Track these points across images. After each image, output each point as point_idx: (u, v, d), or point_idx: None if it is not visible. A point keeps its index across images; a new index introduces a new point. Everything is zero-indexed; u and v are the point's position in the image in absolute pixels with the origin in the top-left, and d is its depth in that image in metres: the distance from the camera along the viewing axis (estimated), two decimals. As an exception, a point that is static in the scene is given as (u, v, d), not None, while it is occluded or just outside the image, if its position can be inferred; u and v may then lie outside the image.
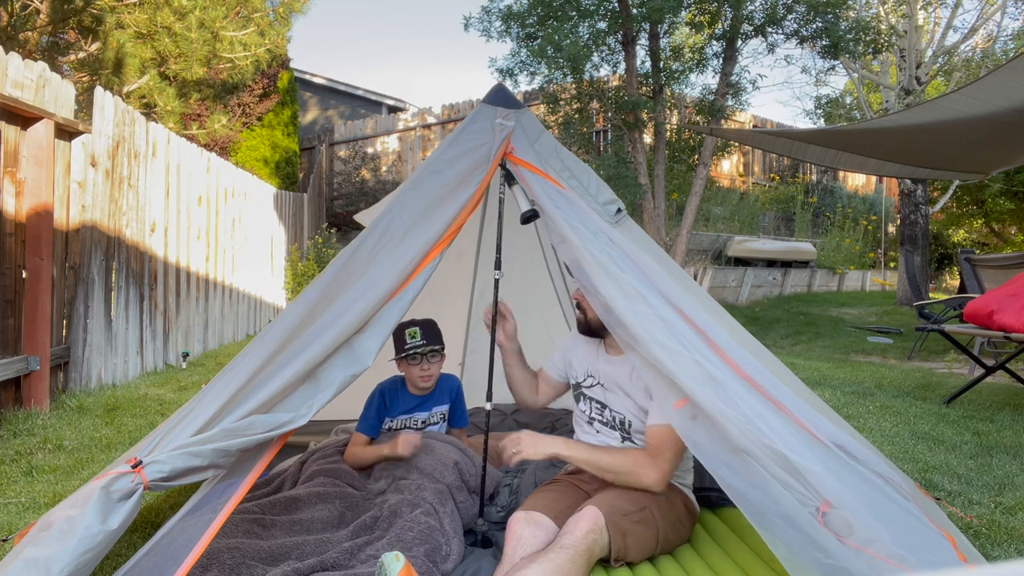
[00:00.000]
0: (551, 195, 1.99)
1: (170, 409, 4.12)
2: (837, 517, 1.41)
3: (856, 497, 1.45)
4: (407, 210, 1.92)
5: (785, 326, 8.85)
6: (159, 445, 1.52)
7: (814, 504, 1.44)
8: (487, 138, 2.05)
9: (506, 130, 2.06)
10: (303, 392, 1.68)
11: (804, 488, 1.46)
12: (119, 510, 1.38)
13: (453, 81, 78.99)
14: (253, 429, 1.57)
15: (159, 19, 6.98)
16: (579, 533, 1.74)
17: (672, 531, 1.99)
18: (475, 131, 2.08)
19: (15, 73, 3.66)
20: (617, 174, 7.37)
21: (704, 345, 1.72)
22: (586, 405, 2.24)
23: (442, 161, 2.02)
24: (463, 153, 2.02)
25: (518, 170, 2.07)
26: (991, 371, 4.38)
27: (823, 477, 1.46)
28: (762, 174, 14.07)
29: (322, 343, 1.69)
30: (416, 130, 13.62)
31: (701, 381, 1.62)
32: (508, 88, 2.20)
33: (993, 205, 14.14)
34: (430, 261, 1.86)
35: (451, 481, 2.29)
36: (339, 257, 1.89)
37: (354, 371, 1.73)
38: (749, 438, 1.53)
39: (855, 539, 1.37)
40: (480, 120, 2.10)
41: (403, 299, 1.81)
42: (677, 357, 1.66)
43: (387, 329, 1.78)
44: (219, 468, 1.56)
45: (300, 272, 9.47)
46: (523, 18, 7.33)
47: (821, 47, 7.39)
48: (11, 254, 3.70)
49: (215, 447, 1.51)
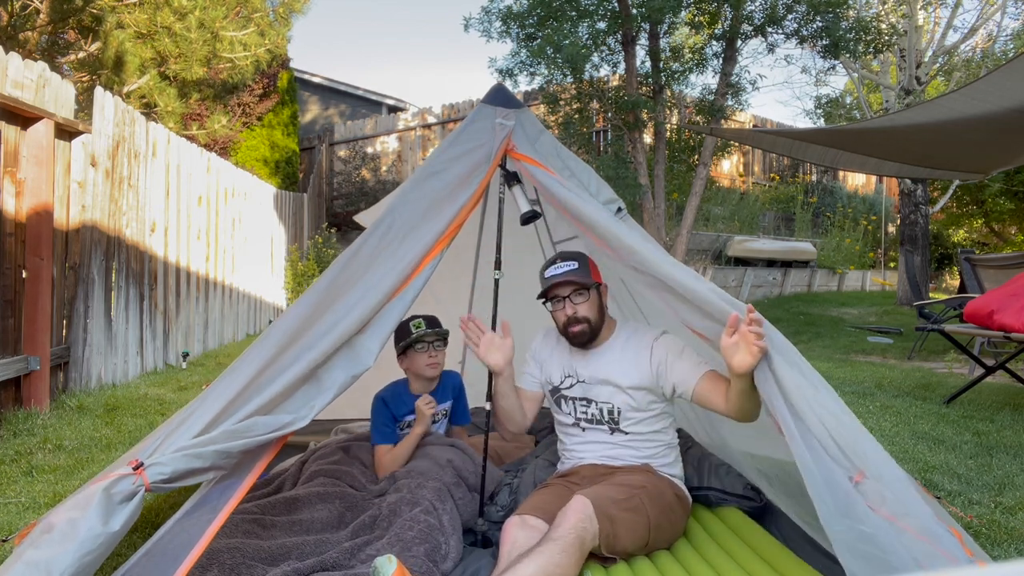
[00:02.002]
0: (553, 185, 2.01)
1: (170, 409, 4.12)
2: (871, 487, 1.45)
3: (890, 471, 1.49)
4: (407, 211, 1.92)
5: (785, 326, 8.85)
6: (160, 447, 1.52)
7: (848, 473, 1.48)
8: (487, 138, 2.05)
9: (506, 129, 2.07)
10: (304, 393, 1.68)
11: (842, 455, 1.50)
12: (121, 512, 1.38)
13: (453, 81, 79.07)
14: (255, 430, 1.57)
15: (159, 19, 6.97)
16: (568, 524, 1.75)
17: (663, 519, 1.99)
18: (475, 131, 2.08)
19: (15, 73, 3.66)
20: (617, 174, 7.37)
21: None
22: (569, 407, 2.21)
23: (442, 161, 2.02)
24: (463, 153, 2.03)
25: (520, 165, 2.08)
26: (991, 371, 4.38)
27: (859, 448, 1.51)
28: (762, 174, 14.07)
29: (323, 344, 1.69)
30: (416, 130, 13.61)
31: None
32: (508, 88, 2.20)
33: (993, 205, 14.14)
34: (430, 260, 1.86)
35: (448, 479, 2.30)
36: (340, 259, 1.89)
37: (355, 372, 1.73)
38: (804, 398, 1.59)
39: (887, 510, 1.40)
40: (480, 120, 2.10)
41: (404, 299, 1.81)
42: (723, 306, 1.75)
43: (388, 329, 1.78)
44: (220, 470, 1.56)
45: (300, 272, 9.47)
46: (523, 18, 7.33)
47: (821, 47, 7.39)
48: (11, 254, 3.70)
49: (216, 448, 1.51)
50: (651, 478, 2.07)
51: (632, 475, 2.07)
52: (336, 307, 1.76)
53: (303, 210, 10.78)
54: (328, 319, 1.74)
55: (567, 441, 2.26)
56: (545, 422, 3.43)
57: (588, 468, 2.17)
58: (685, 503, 2.15)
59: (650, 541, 1.95)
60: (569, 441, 2.25)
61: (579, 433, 2.21)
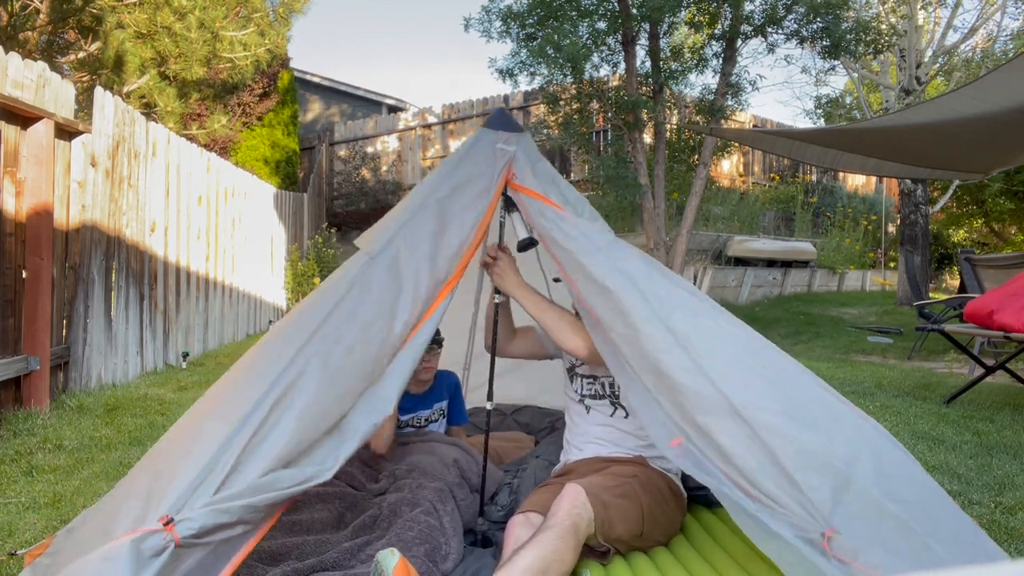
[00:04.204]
0: (550, 217, 1.97)
1: (170, 409, 4.12)
2: (842, 541, 1.35)
3: (860, 514, 1.38)
4: (411, 253, 1.87)
5: (785, 326, 8.86)
6: (186, 502, 1.49)
7: (819, 530, 1.38)
8: (486, 168, 2.01)
9: (507, 155, 2.03)
10: (328, 445, 1.67)
11: (807, 511, 1.40)
12: (151, 566, 1.39)
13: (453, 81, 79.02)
14: (280, 484, 1.56)
15: (159, 19, 6.97)
16: (563, 511, 1.77)
17: (657, 508, 2.01)
18: (475, 159, 2.03)
19: (15, 73, 3.66)
20: (617, 174, 7.36)
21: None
22: (578, 384, 2.32)
23: (444, 190, 1.96)
24: (464, 183, 1.98)
25: (518, 197, 2.05)
26: (991, 371, 4.38)
27: (827, 492, 1.40)
28: (762, 174, 14.07)
29: (344, 401, 1.69)
30: (416, 130, 13.61)
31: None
32: (509, 113, 2.16)
33: (993, 205, 14.14)
34: (440, 302, 1.86)
35: (451, 479, 2.30)
36: (343, 301, 1.80)
37: (376, 420, 1.72)
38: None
39: (862, 562, 1.32)
40: (480, 145, 2.05)
41: (416, 342, 1.81)
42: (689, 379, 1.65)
43: (405, 375, 1.78)
44: (247, 524, 1.55)
45: (300, 272, 9.46)
46: (523, 18, 7.33)
47: (821, 47, 7.38)
48: (11, 254, 3.70)
49: (243, 503, 1.50)
50: (644, 469, 2.12)
51: (625, 466, 2.12)
52: (350, 361, 1.72)
53: (303, 210, 10.78)
54: (341, 370, 1.71)
55: (575, 418, 2.34)
56: (545, 422, 3.43)
57: (584, 464, 2.21)
58: (680, 498, 2.17)
59: (645, 530, 1.97)
60: (576, 418, 2.33)
61: (584, 411, 2.29)
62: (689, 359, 1.65)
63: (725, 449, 1.53)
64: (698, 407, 1.59)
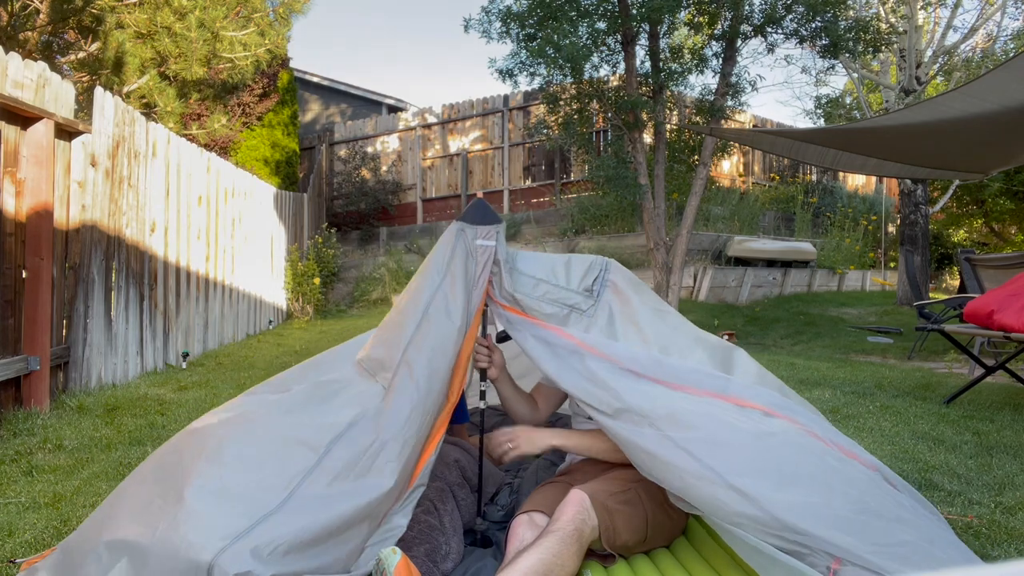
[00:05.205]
0: (530, 331, 1.96)
1: (170, 409, 4.12)
2: (851, 571, 1.36)
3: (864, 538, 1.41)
4: (410, 384, 1.84)
5: (785, 326, 8.86)
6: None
7: (824, 564, 1.39)
8: (467, 268, 1.94)
9: (488, 251, 1.95)
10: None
11: (809, 550, 1.43)
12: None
13: (453, 81, 78.97)
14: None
15: (159, 19, 6.98)
16: (566, 517, 1.76)
17: (661, 513, 2.00)
18: (454, 258, 1.93)
19: (15, 73, 3.66)
20: (617, 174, 7.36)
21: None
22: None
23: (427, 295, 1.91)
24: (447, 287, 1.92)
25: (497, 310, 2.02)
26: (991, 371, 4.38)
27: (829, 529, 1.42)
28: (762, 174, 14.07)
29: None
30: (416, 130, 13.62)
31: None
32: (486, 203, 2.04)
33: (993, 205, 14.15)
34: (444, 425, 1.91)
35: (452, 479, 2.30)
36: (345, 434, 1.75)
37: (388, 547, 1.75)
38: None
39: None
40: (458, 244, 1.95)
41: (420, 480, 1.86)
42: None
43: (413, 502, 1.82)
44: None
45: (300, 272, 9.46)
46: (523, 19, 7.33)
47: (821, 47, 7.38)
48: (11, 254, 3.70)
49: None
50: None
51: (628, 470, 2.09)
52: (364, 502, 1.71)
53: (303, 210, 10.78)
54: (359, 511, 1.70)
55: (579, 427, 2.30)
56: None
57: (588, 463, 2.20)
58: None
59: (648, 536, 1.96)
60: (580, 427, 2.29)
61: (590, 423, 2.24)
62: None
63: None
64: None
